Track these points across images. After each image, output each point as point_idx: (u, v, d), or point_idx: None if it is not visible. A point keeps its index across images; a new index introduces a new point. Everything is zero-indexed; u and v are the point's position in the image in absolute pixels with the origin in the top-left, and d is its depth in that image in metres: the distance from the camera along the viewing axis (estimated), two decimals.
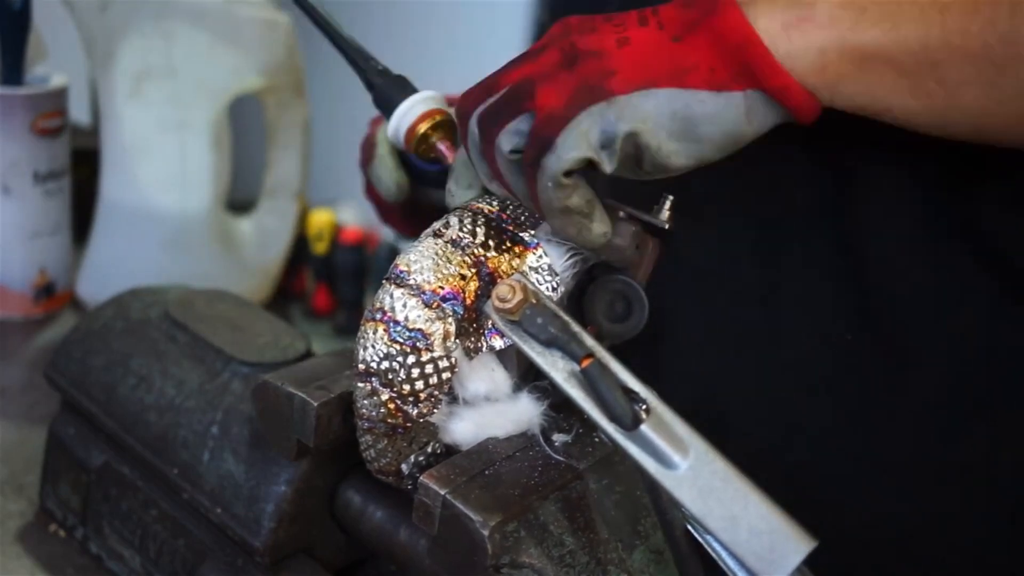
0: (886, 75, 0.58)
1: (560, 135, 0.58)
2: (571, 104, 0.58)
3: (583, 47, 0.59)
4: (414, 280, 0.61)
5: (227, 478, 0.70)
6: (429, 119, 0.72)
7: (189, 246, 1.20)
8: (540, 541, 0.58)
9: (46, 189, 1.11)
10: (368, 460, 0.64)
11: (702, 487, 0.53)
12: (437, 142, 0.72)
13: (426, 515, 0.58)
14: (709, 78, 0.57)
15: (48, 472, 0.83)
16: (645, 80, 0.58)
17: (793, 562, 0.51)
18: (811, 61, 0.58)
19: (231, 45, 1.17)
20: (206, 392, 0.74)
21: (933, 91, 0.58)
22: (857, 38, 0.57)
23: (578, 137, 0.57)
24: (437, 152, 0.72)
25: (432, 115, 0.72)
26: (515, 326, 0.60)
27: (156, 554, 0.75)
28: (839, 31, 0.57)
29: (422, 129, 0.71)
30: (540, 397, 0.63)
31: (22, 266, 1.12)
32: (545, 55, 0.61)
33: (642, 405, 0.56)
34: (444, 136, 0.72)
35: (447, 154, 0.71)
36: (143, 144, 1.17)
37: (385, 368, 0.61)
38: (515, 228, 0.65)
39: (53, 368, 0.82)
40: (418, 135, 0.72)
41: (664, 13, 0.60)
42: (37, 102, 1.08)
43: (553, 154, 0.58)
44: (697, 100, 0.58)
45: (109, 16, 1.14)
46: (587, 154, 0.58)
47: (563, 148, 0.58)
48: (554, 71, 0.59)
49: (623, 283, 0.69)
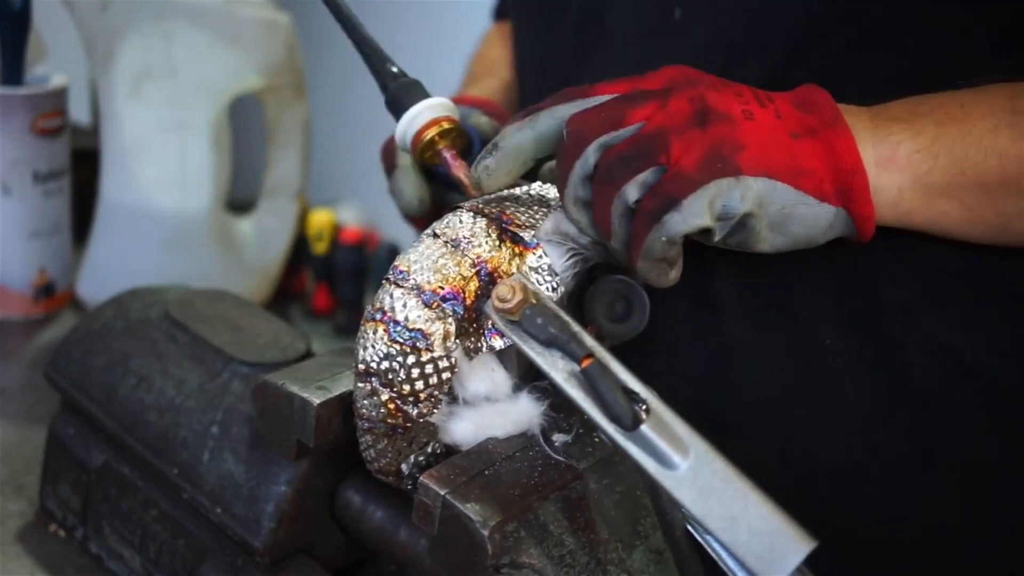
0: (951, 211, 0.64)
1: (688, 198, 0.59)
2: (703, 170, 0.59)
3: (713, 105, 0.61)
4: (414, 280, 0.61)
5: (227, 478, 0.70)
6: (436, 126, 0.70)
7: (189, 246, 1.20)
8: (540, 541, 0.58)
9: (46, 189, 1.11)
10: (368, 460, 0.64)
11: (702, 487, 0.53)
12: (443, 150, 0.70)
13: (426, 515, 0.58)
14: (819, 187, 0.61)
15: (48, 472, 0.83)
16: (769, 170, 0.60)
17: (793, 562, 0.51)
18: (890, 197, 0.64)
19: (231, 45, 1.17)
20: (206, 392, 0.74)
21: (991, 221, 0.65)
22: (930, 180, 0.63)
23: (705, 204, 0.59)
24: (442, 160, 0.70)
25: (439, 122, 0.70)
26: (515, 326, 0.60)
27: (156, 554, 0.75)
28: (915, 174, 0.63)
29: (428, 136, 0.70)
30: (540, 397, 0.63)
31: (22, 266, 1.12)
32: (674, 103, 0.61)
33: (642, 405, 0.56)
34: (451, 144, 0.70)
35: (452, 163, 0.69)
36: (143, 144, 1.17)
37: (385, 368, 0.61)
38: (515, 228, 0.65)
39: (53, 368, 0.82)
40: (424, 141, 0.70)
41: (781, 105, 0.63)
42: (37, 102, 1.08)
43: (678, 214, 0.59)
44: (804, 203, 0.61)
45: (109, 16, 1.14)
46: (708, 223, 0.59)
47: (689, 211, 0.59)
48: (687, 126, 0.60)
49: (623, 283, 0.69)
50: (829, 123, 0.62)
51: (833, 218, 0.62)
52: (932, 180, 0.63)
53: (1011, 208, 0.64)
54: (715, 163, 0.59)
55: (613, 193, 0.61)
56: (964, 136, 0.63)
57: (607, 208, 0.61)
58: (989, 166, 0.63)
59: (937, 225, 0.66)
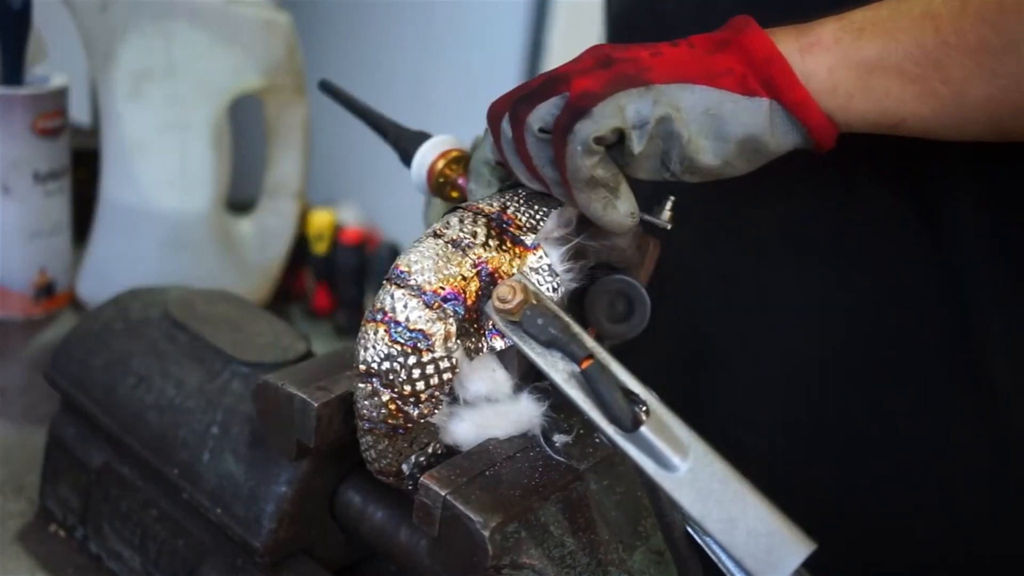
0: (892, 85, 0.61)
1: (598, 105, 0.60)
2: (609, 86, 0.60)
3: (618, 55, 0.62)
4: (415, 280, 0.61)
5: (227, 478, 0.70)
6: (444, 157, 0.75)
7: (189, 246, 1.20)
8: (541, 542, 0.58)
9: (46, 189, 1.11)
10: (369, 461, 0.64)
11: (701, 489, 0.53)
12: (456, 177, 0.74)
13: (427, 516, 0.58)
14: (741, 82, 0.60)
15: (48, 472, 0.83)
16: (681, 77, 0.60)
17: (791, 564, 0.51)
18: (823, 80, 0.61)
19: (231, 45, 1.17)
20: (206, 392, 0.74)
21: (940, 92, 0.60)
22: (860, 54, 0.61)
23: (614, 109, 0.60)
24: (457, 188, 0.75)
25: (446, 153, 0.75)
26: (515, 327, 0.60)
27: (156, 554, 0.75)
28: (843, 50, 0.61)
29: (439, 166, 0.74)
30: (541, 398, 0.63)
31: (22, 266, 1.12)
32: (579, 60, 0.63)
33: (642, 407, 0.56)
34: (462, 172, 0.74)
35: (466, 188, 0.73)
36: (143, 144, 1.17)
37: (386, 369, 0.61)
38: (516, 229, 0.65)
39: (53, 368, 0.82)
40: (436, 172, 0.74)
41: (694, 38, 0.63)
42: (37, 102, 1.08)
43: (588, 119, 0.60)
44: (729, 99, 0.60)
45: (109, 16, 1.14)
46: (619, 124, 0.60)
47: (600, 115, 0.60)
48: (590, 69, 0.61)
49: (624, 283, 0.69)
50: (740, 30, 0.62)
51: (768, 112, 0.60)
52: (862, 55, 0.60)
53: (956, 72, 0.59)
54: (621, 81, 0.60)
55: (522, 130, 0.62)
56: (893, 10, 0.61)
57: (524, 146, 0.63)
58: (923, 30, 0.60)
59: (887, 113, 0.62)
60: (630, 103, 0.60)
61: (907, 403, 0.74)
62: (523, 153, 0.64)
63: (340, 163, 2.35)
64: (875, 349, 0.75)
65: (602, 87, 0.60)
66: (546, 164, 0.63)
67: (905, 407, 0.74)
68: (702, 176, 0.62)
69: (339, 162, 2.34)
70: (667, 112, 0.60)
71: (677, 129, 0.60)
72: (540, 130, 0.62)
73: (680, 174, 0.62)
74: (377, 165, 0.83)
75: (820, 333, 0.77)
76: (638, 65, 0.61)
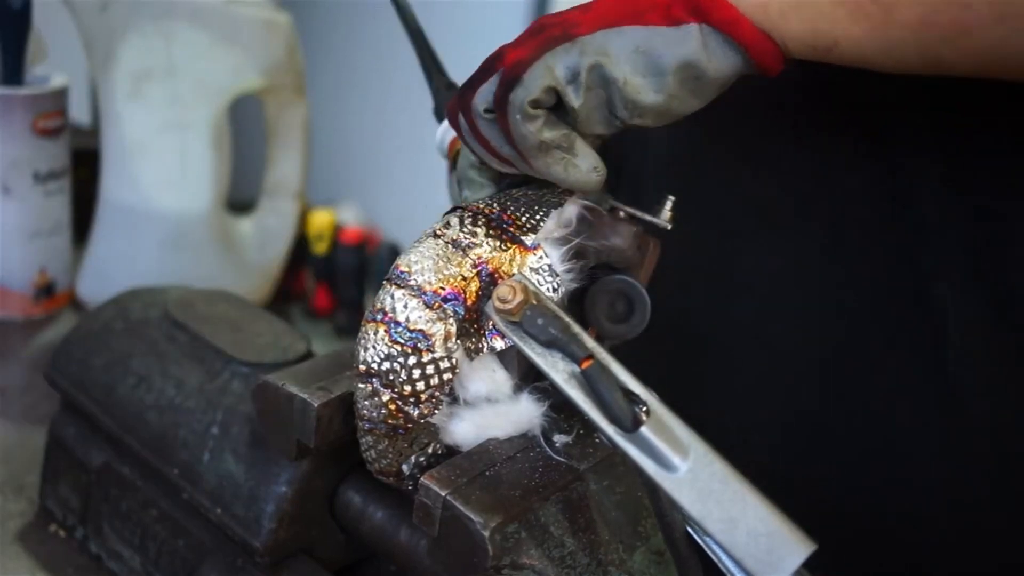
0: (823, 4, 0.60)
1: (527, 72, 0.61)
2: (537, 49, 0.62)
3: (548, 20, 0.63)
4: (415, 281, 0.61)
5: (227, 478, 0.70)
6: None
7: (189, 246, 1.20)
8: (541, 542, 0.58)
9: (46, 189, 1.11)
10: (369, 461, 0.64)
11: (701, 489, 0.53)
12: None
13: (427, 516, 0.58)
14: (666, 14, 0.61)
15: (48, 472, 0.83)
16: (606, 23, 0.61)
17: (792, 565, 0.51)
18: None
19: (231, 45, 1.17)
20: (206, 392, 0.74)
21: (870, 12, 0.59)
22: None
23: (543, 71, 0.61)
24: None
25: None
26: (516, 327, 0.60)
27: (156, 554, 0.75)
28: None
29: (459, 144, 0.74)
30: (541, 398, 0.63)
31: (22, 266, 1.12)
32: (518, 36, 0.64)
33: (642, 407, 0.56)
34: None
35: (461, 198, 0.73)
36: (143, 144, 1.17)
37: (386, 369, 0.61)
38: (516, 229, 0.65)
39: (53, 368, 0.82)
40: (457, 148, 0.74)
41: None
42: (37, 102, 1.08)
43: (520, 87, 0.61)
44: (656, 33, 0.61)
45: (109, 16, 1.14)
46: (552, 83, 0.61)
47: (530, 79, 0.61)
48: (523, 40, 0.63)
49: (624, 282, 0.69)
50: None
51: (699, 36, 0.60)
52: None
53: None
54: (547, 42, 0.62)
55: (471, 116, 0.64)
56: None
57: (480, 134, 0.65)
58: None
59: (820, 32, 0.60)
60: (558, 61, 0.61)
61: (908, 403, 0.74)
62: (480, 138, 0.65)
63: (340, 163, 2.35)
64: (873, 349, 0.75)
65: (530, 53, 0.61)
66: (502, 143, 0.64)
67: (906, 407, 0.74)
68: (654, 118, 0.62)
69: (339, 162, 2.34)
70: (596, 60, 0.61)
71: (611, 73, 0.61)
72: (486, 110, 0.63)
73: (629, 119, 0.62)
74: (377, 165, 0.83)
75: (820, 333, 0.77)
76: (565, 24, 0.62)
